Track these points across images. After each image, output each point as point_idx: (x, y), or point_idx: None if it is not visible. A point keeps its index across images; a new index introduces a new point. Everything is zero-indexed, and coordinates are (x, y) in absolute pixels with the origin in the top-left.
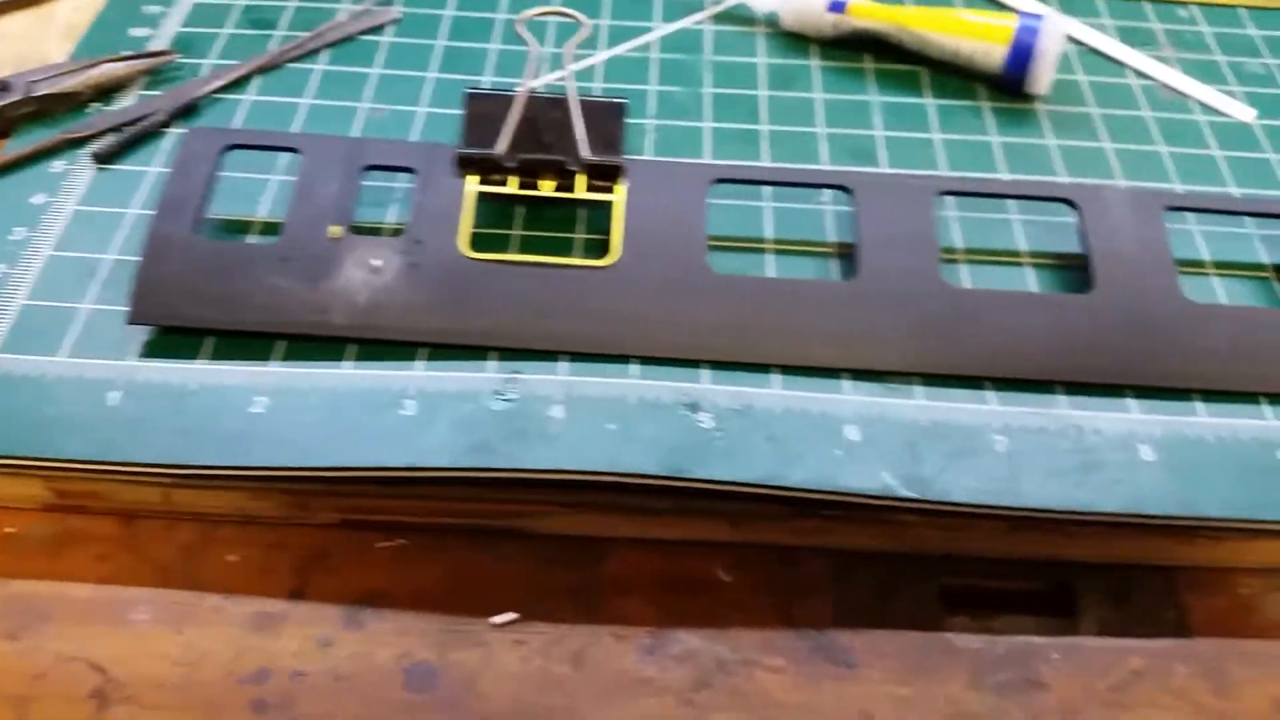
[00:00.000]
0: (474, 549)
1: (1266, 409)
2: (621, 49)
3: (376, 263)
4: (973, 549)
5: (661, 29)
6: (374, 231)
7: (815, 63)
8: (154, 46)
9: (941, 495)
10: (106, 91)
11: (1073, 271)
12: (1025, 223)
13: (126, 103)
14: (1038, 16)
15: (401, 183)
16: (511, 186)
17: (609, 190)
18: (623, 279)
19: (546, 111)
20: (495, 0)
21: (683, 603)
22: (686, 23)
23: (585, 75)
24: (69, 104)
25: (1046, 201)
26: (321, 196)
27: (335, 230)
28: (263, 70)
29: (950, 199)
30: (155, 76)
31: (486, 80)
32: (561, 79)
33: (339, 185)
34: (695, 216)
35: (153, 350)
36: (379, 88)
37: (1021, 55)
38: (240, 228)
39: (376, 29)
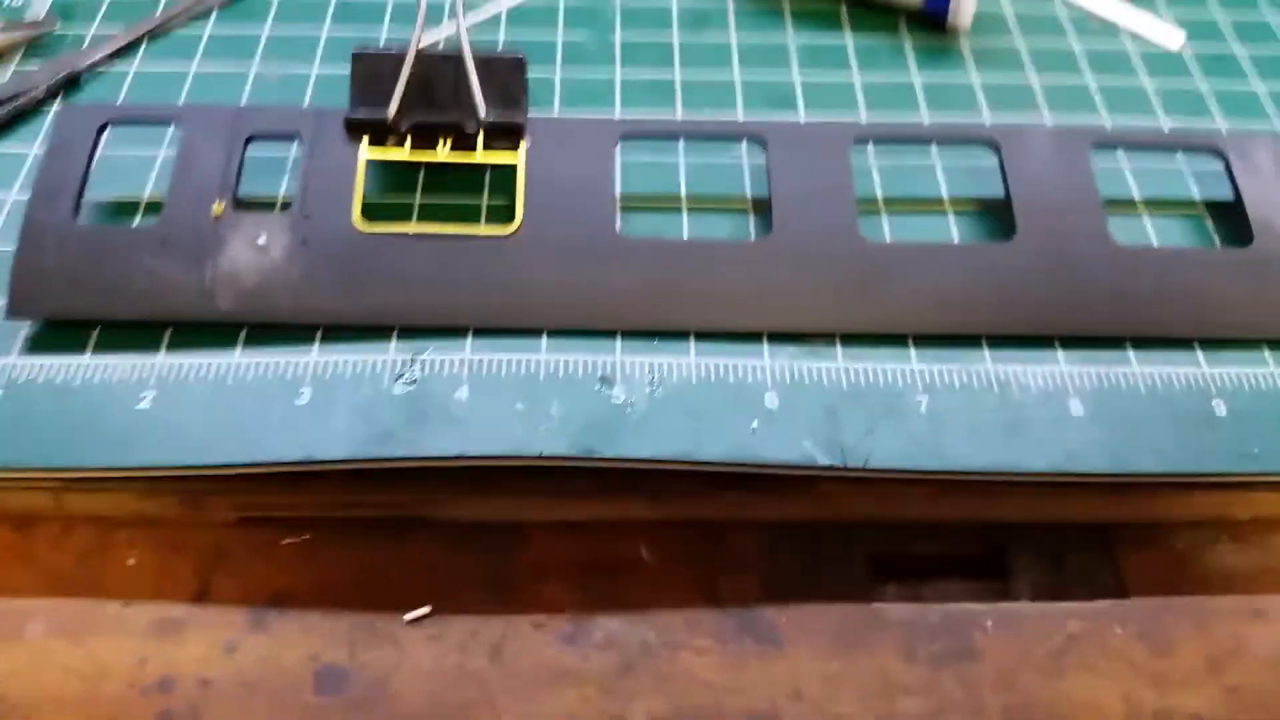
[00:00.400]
0: (382, 541)
1: (1200, 355)
2: None
3: (263, 240)
4: (901, 515)
5: None
6: (262, 207)
7: (729, 3)
8: (32, 16)
9: (863, 461)
10: None
11: (996, 217)
12: (947, 168)
13: (2, 79)
14: None
15: (293, 154)
16: (405, 152)
17: (511, 151)
18: (527, 247)
19: (440, 69)
20: None
21: (604, 586)
22: None
23: (489, 28)
24: None
25: (967, 144)
26: (203, 172)
27: (218, 208)
28: (151, 36)
29: (870, 146)
30: (33, 48)
31: (383, 35)
32: (456, 33)
33: (221, 159)
34: (603, 176)
35: (36, 346)
36: (269, 49)
37: None
38: (125, 210)
39: None
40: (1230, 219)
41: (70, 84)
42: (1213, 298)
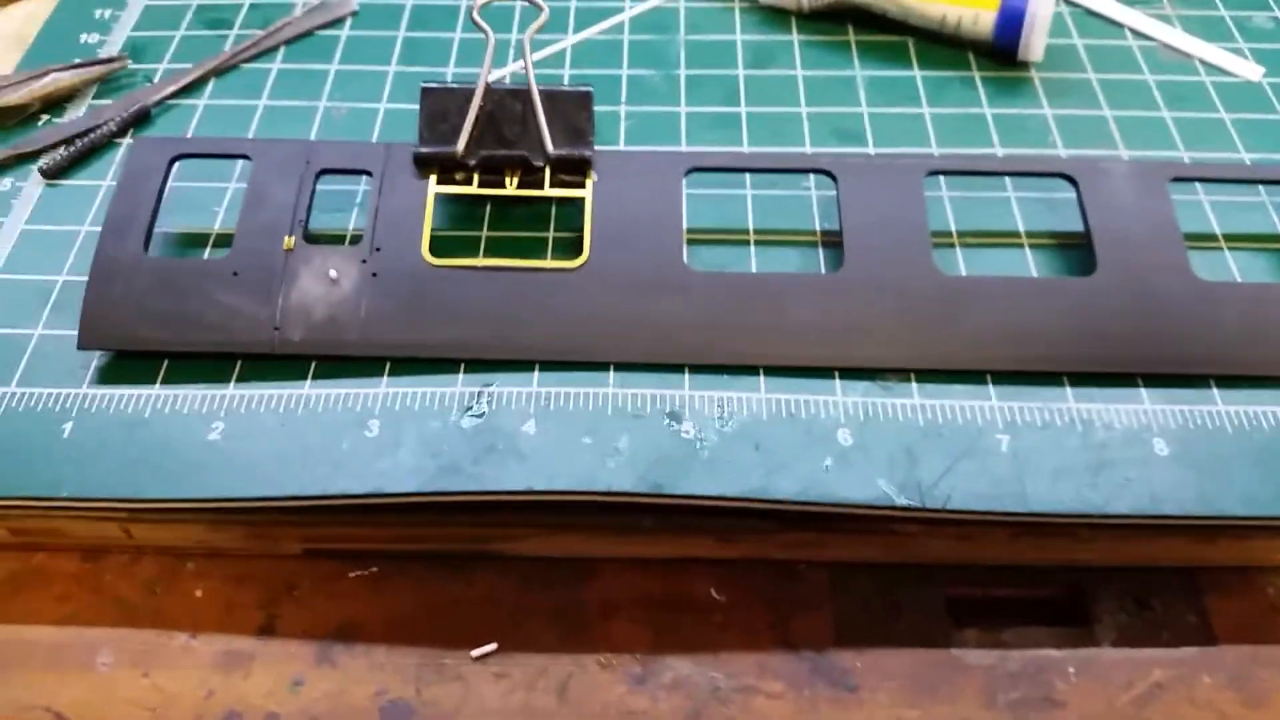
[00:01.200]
0: (449, 575)
1: None
2: (590, 32)
3: (334, 274)
4: (979, 557)
5: (632, 9)
6: (332, 240)
7: (795, 37)
8: (105, 53)
9: (942, 502)
10: (55, 103)
11: (1075, 252)
12: (1023, 200)
13: (76, 114)
14: None
15: (362, 187)
16: (474, 186)
17: (578, 185)
18: (595, 280)
19: (508, 104)
20: None
21: (673, 625)
22: (658, 1)
23: (554, 62)
24: (16, 117)
25: (1043, 177)
26: (274, 205)
27: (289, 241)
28: (217, 73)
29: (941, 178)
30: (106, 85)
31: (450, 72)
32: (523, 69)
33: (292, 192)
34: (670, 209)
35: (106, 377)
36: (337, 85)
37: (1012, 20)
38: (196, 241)
39: (334, 23)
40: None
41: (141, 119)
42: None
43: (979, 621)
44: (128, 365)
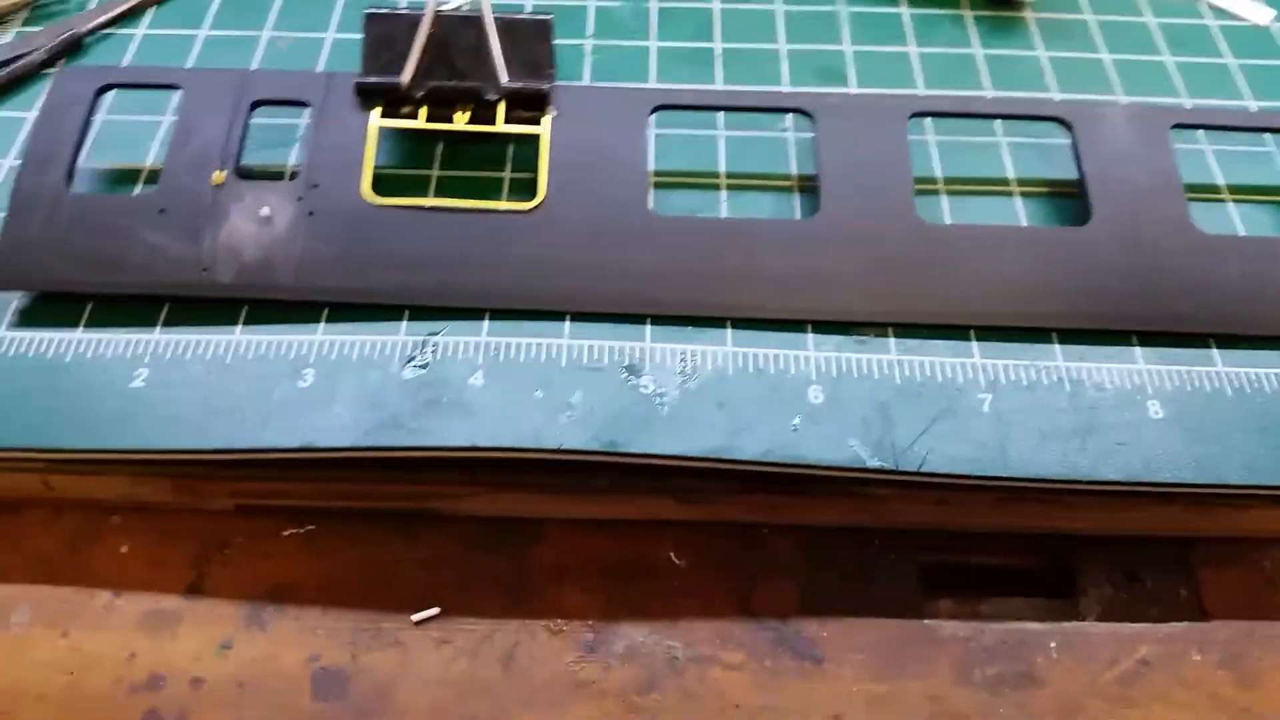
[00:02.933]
0: (389, 535)
1: None
2: None
3: (266, 211)
4: (957, 523)
5: None
6: (269, 177)
7: None
8: None
9: (917, 465)
10: None
11: (1068, 201)
12: (1014, 146)
13: (3, 39)
14: None
15: (304, 121)
16: (420, 120)
17: (534, 122)
18: (550, 223)
19: (460, 32)
20: None
21: (627, 591)
22: None
23: None
24: None
25: (1036, 121)
26: (204, 138)
27: (219, 176)
28: (157, 0)
29: (927, 121)
30: (38, 10)
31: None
32: None
33: (224, 125)
34: (634, 150)
35: (25, 319)
36: (283, 14)
37: None
38: (125, 178)
39: None
40: None
41: (73, 47)
42: None
43: (955, 592)
44: (48, 307)
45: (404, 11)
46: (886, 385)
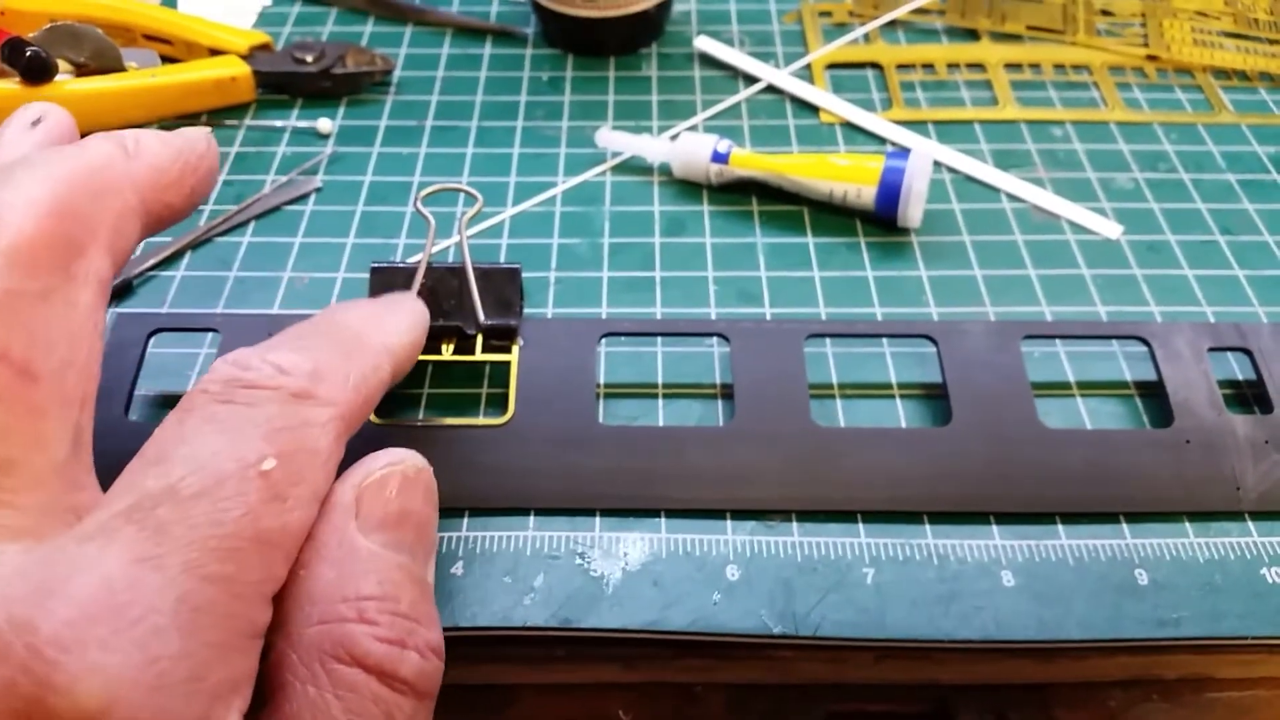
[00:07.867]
0: None
1: (1125, 527)
2: (526, 205)
3: None
4: (851, 677)
5: (565, 182)
6: None
7: (706, 208)
8: None
9: (812, 630)
10: None
11: (938, 402)
12: (896, 355)
13: None
14: (904, 154)
15: None
16: None
17: (506, 350)
18: (518, 436)
19: (446, 280)
20: (410, 165)
21: None
22: (589, 175)
23: (494, 232)
24: None
25: (908, 338)
26: None
27: None
28: (193, 246)
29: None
30: None
31: (402, 244)
32: (460, 247)
33: None
34: (586, 371)
35: None
36: (301, 256)
37: (889, 194)
38: (170, 403)
39: (300, 199)
40: (1155, 400)
41: (124, 290)
42: (1136, 474)
43: None
44: None
45: (401, 265)
46: (789, 563)
